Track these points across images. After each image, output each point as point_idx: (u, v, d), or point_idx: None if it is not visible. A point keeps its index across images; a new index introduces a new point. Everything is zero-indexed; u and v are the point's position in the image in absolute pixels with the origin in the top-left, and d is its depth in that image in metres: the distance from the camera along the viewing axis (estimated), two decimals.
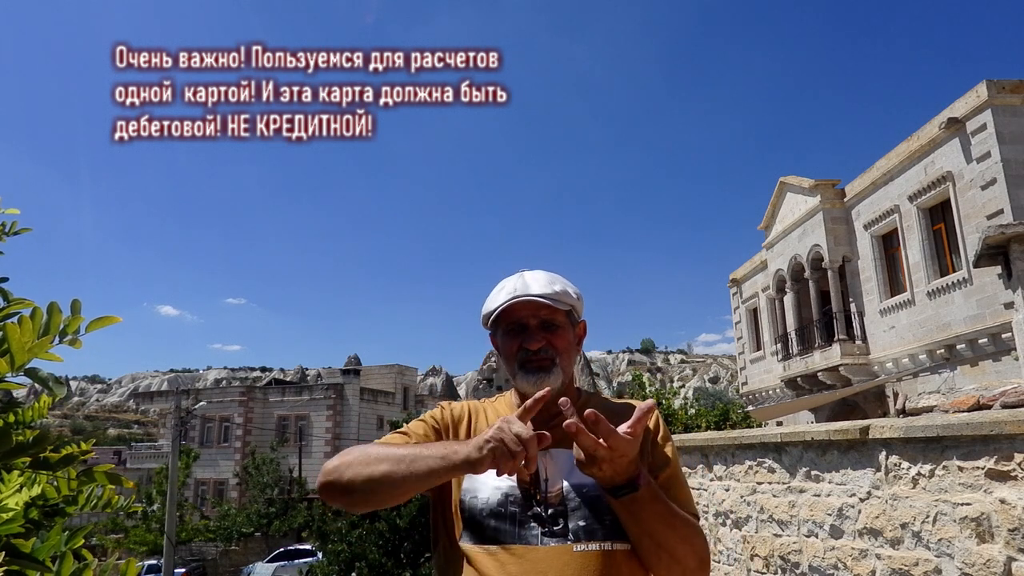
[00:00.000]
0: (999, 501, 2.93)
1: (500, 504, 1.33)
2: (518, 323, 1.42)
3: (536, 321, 1.41)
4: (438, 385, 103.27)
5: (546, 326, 1.41)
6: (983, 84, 13.55)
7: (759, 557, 4.89)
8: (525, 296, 1.39)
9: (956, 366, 14.57)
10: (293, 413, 39.80)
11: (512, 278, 1.45)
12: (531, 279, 1.43)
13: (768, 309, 23.05)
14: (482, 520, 1.33)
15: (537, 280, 1.43)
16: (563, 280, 1.46)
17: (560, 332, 1.42)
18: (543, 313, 1.41)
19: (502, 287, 1.45)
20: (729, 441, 5.32)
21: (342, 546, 12.96)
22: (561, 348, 1.41)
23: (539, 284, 1.41)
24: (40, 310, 0.94)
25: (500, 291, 1.44)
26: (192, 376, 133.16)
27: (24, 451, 0.89)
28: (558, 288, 1.42)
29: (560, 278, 1.47)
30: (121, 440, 77.82)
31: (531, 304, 1.40)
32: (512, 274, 1.49)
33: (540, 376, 1.39)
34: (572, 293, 1.45)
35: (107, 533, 30.38)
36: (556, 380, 1.39)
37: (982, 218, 13.41)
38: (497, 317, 1.43)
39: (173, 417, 23.05)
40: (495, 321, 1.45)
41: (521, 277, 1.44)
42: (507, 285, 1.44)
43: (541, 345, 1.40)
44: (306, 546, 24.99)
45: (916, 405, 4.83)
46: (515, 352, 1.41)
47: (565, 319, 1.44)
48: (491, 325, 1.47)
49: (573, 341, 1.46)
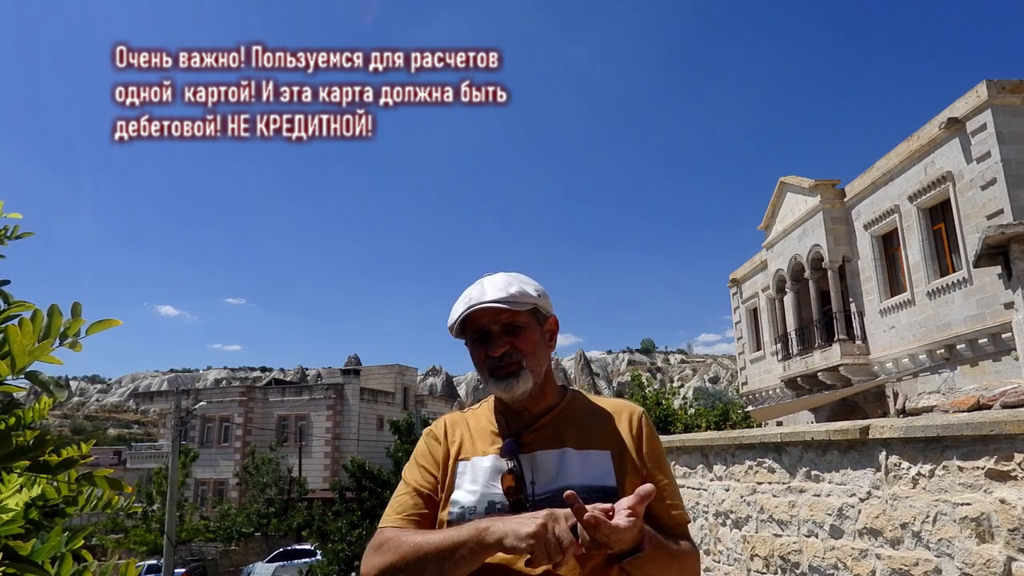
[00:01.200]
0: (999, 501, 2.93)
1: (487, 512, 1.32)
2: (481, 331, 1.41)
3: (498, 327, 1.40)
4: (438, 385, 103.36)
5: (509, 329, 1.40)
6: (983, 84, 13.55)
7: (759, 557, 4.89)
8: (480, 304, 1.38)
9: (956, 366, 14.57)
10: (293, 413, 39.79)
11: (472, 286, 1.44)
12: (489, 285, 1.42)
13: (768, 309, 23.05)
14: (470, 519, 1.32)
15: (494, 285, 1.41)
16: (521, 279, 1.45)
17: (524, 333, 1.41)
18: (503, 317, 1.39)
19: (462, 296, 1.44)
20: (729, 441, 5.32)
21: (342, 546, 12.98)
22: (526, 350, 1.40)
23: (495, 289, 1.40)
24: (41, 313, 0.94)
25: (460, 301, 1.43)
26: (192, 376, 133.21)
27: (24, 454, 0.89)
28: (514, 290, 1.40)
29: (519, 277, 1.45)
30: (121, 440, 77.84)
31: (489, 310, 1.38)
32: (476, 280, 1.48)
33: (509, 382, 1.38)
34: (532, 291, 1.43)
35: (107, 533, 30.38)
36: (526, 383, 1.38)
37: (982, 218, 13.42)
38: (462, 327, 1.43)
39: (173, 417, 23.05)
40: (461, 331, 1.44)
41: (480, 284, 1.43)
42: (466, 294, 1.43)
43: (505, 350, 1.39)
44: (306, 546, 25.01)
45: (916, 405, 4.83)
46: (483, 361, 1.41)
47: (529, 319, 1.42)
48: (459, 335, 1.46)
49: (541, 339, 1.44)
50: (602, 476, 1.35)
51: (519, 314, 1.41)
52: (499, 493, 1.34)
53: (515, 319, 1.40)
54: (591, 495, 1.28)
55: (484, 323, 1.40)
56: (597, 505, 1.15)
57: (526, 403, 1.42)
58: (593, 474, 1.34)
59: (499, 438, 1.42)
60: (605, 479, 1.35)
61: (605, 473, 1.36)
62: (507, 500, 1.33)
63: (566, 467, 1.35)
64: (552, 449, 1.38)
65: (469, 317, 1.40)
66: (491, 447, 1.41)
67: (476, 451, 1.42)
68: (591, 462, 1.36)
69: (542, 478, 1.34)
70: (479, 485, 1.37)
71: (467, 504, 1.35)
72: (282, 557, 24.96)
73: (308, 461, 37.16)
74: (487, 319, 1.40)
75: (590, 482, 1.33)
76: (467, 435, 1.46)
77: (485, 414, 1.50)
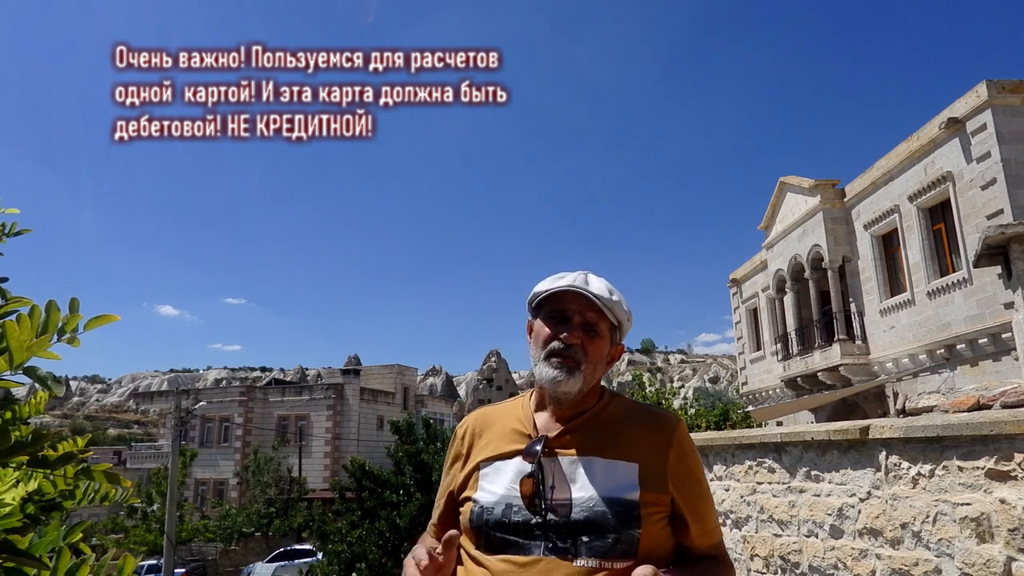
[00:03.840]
0: (999, 501, 2.93)
1: (504, 514, 1.31)
2: (563, 313, 1.39)
3: (581, 319, 1.38)
4: (438, 385, 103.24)
5: (588, 328, 1.38)
6: (983, 84, 13.55)
7: (759, 557, 4.89)
8: (583, 289, 1.37)
9: (956, 366, 14.57)
10: (293, 413, 39.79)
11: (574, 272, 1.43)
12: (593, 279, 1.42)
13: (768, 309, 23.05)
14: (488, 531, 1.31)
15: (598, 282, 1.41)
16: (621, 295, 1.44)
17: (598, 340, 1.39)
18: (590, 314, 1.38)
19: (562, 275, 1.42)
20: (729, 441, 5.32)
21: (342, 546, 12.97)
22: (593, 355, 1.38)
23: (598, 286, 1.40)
24: (38, 308, 0.94)
25: (559, 278, 1.41)
26: (192, 376, 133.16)
27: (22, 449, 0.89)
28: (615, 298, 1.40)
29: (619, 293, 1.44)
30: (121, 440, 77.80)
31: (583, 299, 1.37)
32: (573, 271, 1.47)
33: (561, 373, 1.35)
34: (625, 309, 1.42)
35: (107, 533, 30.40)
36: (575, 384, 1.35)
37: (982, 218, 13.41)
38: (544, 301, 1.41)
39: (173, 417, 23.04)
40: (540, 304, 1.42)
41: (584, 274, 1.43)
42: (568, 276, 1.42)
43: (577, 342, 1.37)
44: (306, 546, 25.02)
45: (916, 405, 4.83)
46: (548, 339, 1.38)
47: (607, 331, 1.41)
48: (535, 308, 1.44)
49: (606, 356, 1.42)
50: (625, 488, 1.30)
51: (604, 320, 1.39)
52: (518, 496, 1.31)
53: (599, 322, 1.39)
54: (610, 506, 1.26)
55: (570, 308, 1.38)
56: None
57: (563, 404, 1.39)
58: (616, 485, 1.30)
59: (526, 439, 1.39)
60: (627, 492, 1.30)
61: (629, 485, 1.31)
62: (523, 503, 1.31)
63: (589, 475, 1.31)
64: (578, 455, 1.34)
65: (560, 295, 1.38)
66: (517, 448, 1.38)
67: (501, 451, 1.40)
68: (617, 472, 1.32)
69: (561, 484, 1.31)
70: (500, 486, 1.35)
71: (486, 504, 1.34)
72: (282, 557, 24.96)
73: (308, 461, 37.16)
74: (576, 306, 1.38)
75: (610, 493, 1.29)
76: (493, 435, 1.44)
77: (516, 412, 1.47)
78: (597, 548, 1.25)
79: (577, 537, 1.26)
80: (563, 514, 1.28)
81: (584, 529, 1.26)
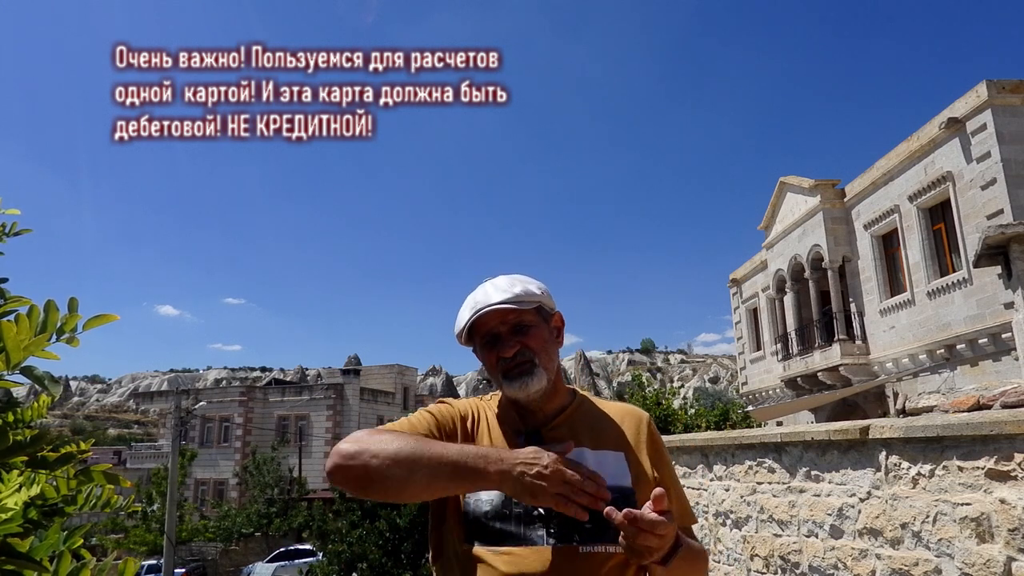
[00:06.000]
0: (999, 501, 2.92)
1: (504, 504, 1.32)
2: (490, 334, 1.41)
3: (507, 327, 1.40)
4: (438, 385, 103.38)
5: (518, 329, 1.40)
6: (983, 84, 13.55)
7: (759, 557, 4.89)
8: (487, 307, 1.38)
9: (956, 366, 14.57)
10: (293, 413, 39.80)
11: (475, 291, 1.45)
12: (492, 288, 1.42)
13: (768, 309, 23.05)
14: (486, 522, 1.32)
15: (497, 287, 1.42)
16: (524, 279, 1.46)
17: (533, 331, 1.41)
18: (511, 318, 1.40)
19: (467, 302, 1.44)
20: (729, 441, 5.32)
21: (342, 546, 12.96)
22: (537, 347, 1.40)
23: (499, 291, 1.40)
24: (37, 308, 0.93)
25: (465, 307, 1.43)
26: (192, 376, 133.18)
27: (22, 449, 0.89)
28: (518, 290, 1.41)
29: (521, 278, 1.46)
30: (121, 440, 77.83)
31: (496, 312, 1.39)
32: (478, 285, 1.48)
33: (524, 380, 1.38)
34: (535, 290, 1.43)
35: (107, 533, 30.41)
36: (540, 381, 1.38)
37: (982, 218, 13.41)
38: (470, 333, 1.43)
39: (173, 417, 23.04)
40: (469, 338, 1.44)
41: (483, 288, 1.44)
42: (471, 299, 1.43)
43: (516, 349, 1.39)
44: (306, 546, 25.00)
45: (916, 405, 4.83)
46: (495, 363, 1.41)
47: (535, 317, 1.43)
48: (467, 341, 1.46)
49: (550, 335, 1.45)
50: (618, 476, 1.35)
51: (526, 313, 1.41)
52: None
53: (523, 318, 1.41)
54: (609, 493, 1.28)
55: (493, 326, 1.40)
56: (625, 511, 1.16)
57: (540, 402, 1.42)
58: (610, 474, 1.33)
59: (518, 433, 1.42)
60: (621, 479, 1.35)
61: (621, 473, 1.36)
62: None
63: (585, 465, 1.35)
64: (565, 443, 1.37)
65: (477, 322, 1.40)
66: (512, 441, 1.41)
67: (495, 443, 1.41)
68: (607, 462, 1.36)
69: None
70: None
71: (484, 496, 1.34)
72: (282, 557, 24.94)
73: (308, 461, 37.15)
74: (495, 321, 1.40)
75: (607, 482, 1.30)
76: (486, 425, 1.46)
77: (502, 408, 1.49)
78: (600, 534, 1.28)
79: (580, 525, 1.27)
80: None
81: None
